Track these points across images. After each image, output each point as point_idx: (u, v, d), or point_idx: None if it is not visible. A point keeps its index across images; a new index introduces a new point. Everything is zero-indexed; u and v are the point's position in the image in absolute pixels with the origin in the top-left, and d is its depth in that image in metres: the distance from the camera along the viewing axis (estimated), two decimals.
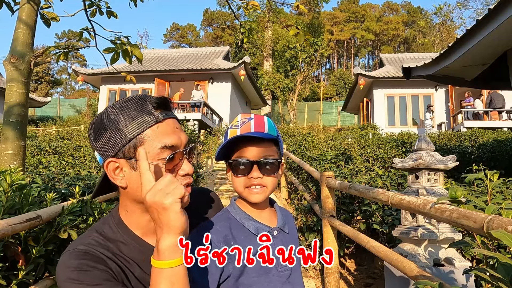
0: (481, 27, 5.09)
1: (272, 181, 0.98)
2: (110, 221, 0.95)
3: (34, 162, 7.26)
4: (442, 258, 2.35)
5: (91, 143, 0.92)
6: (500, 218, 1.05)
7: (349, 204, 4.26)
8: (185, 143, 0.91)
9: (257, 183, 0.96)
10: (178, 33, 58.71)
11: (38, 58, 3.22)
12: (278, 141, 1.01)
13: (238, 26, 5.51)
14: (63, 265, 0.84)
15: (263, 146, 0.96)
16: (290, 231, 1.05)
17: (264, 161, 0.96)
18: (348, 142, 10.48)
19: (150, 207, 0.76)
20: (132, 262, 0.91)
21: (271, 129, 0.98)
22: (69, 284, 0.80)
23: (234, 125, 0.98)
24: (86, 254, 0.86)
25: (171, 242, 0.75)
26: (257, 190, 0.96)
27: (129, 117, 0.87)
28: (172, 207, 0.74)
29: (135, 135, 0.86)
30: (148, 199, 0.76)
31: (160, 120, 0.88)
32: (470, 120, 15.46)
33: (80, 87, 51.28)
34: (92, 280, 0.80)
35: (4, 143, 3.04)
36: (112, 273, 0.85)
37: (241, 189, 0.98)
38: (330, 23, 52.38)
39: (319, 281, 3.87)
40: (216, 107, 18.20)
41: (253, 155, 0.95)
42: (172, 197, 0.74)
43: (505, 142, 7.90)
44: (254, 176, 0.95)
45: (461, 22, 30.94)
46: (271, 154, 0.98)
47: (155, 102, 0.89)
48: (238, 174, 0.97)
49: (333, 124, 29.86)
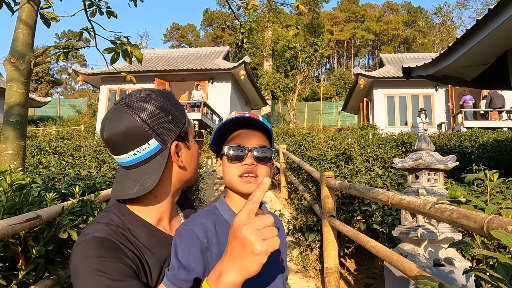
0: (481, 27, 5.09)
1: (265, 170, 0.97)
2: (115, 210, 0.95)
3: (34, 162, 7.26)
4: (442, 258, 2.35)
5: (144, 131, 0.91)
6: (500, 218, 1.05)
7: (349, 204, 4.26)
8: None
9: (250, 170, 0.95)
10: (178, 33, 58.71)
11: (38, 58, 3.22)
12: (270, 135, 1.02)
13: (238, 26, 5.51)
14: (82, 254, 0.81)
15: (257, 135, 0.98)
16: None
17: (258, 148, 0.96)
18: (348, 142, 10.48)
19: (237, 238, 0.72)
20: (143, 247, 0.91)
21: (266, 122, 1.00)
22: (91, 275, 0.77)
23: (228, 118, 0.99)
24: (106, 241, 0.84)
25: (236, 281, 0.72)
26: (249, 179, 0.95)
27: (175, 106, 0.99)
28: (261, 256, 0.70)
29: (184, 121, 1.00)
30: (243, 231, 0.71)
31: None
32: (470, 120, 15.46)
33: (80, 87, 51.32)
34: (115, 273, 0.78)
35: (4, 143, 3.04)
36: (133, 267, 0.84)
37: (233, 178, 0.96)
38: (330, 23, 52.39)
39: (319, 281, 3.87)
40: (216, 107, 18.19)
41: (247, 142, 0.96)
42: (266, 247, 0.70)
43: (505, 142, 7.90)
44: (249, 162, 0.95)
45: (461, 22, 30.96)
46: (265, 144, 0.98)
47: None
48: (232, 160, 0.96)
49: (333, 124, 29.87)
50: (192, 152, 1.03)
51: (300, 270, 4.13)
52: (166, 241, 0.96)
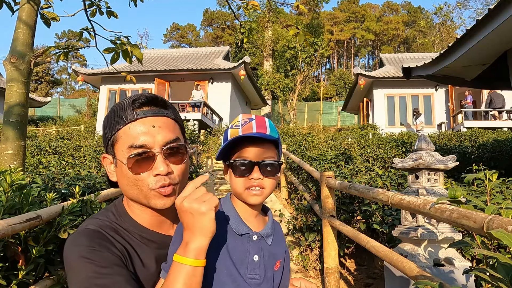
0: (481, 27, 5.09)
1: (271, 183, 0.97)
2: (113, 210, 0.98)
3: (34, 162, 7.27)
4: (442, 258, 2.35)
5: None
6: (500, 218, 1.05)
7: (349, 204, 4.26)
8: (162, 143, 0.91)
9: (257, 184, 0.95)
10: (178, 33, 58.70)
11: (38, 58, 3.22)
12: (278, 143, 1.00)
13: (238, 26, 5.51)
14: (72, 243, 0.85)
15: (264, 147, 0.96)
16: (273, 244, 1.02)
17: (265, 163, 0.95)
18: (348, 142, 10.48)
19: (184, 211, 0.82)
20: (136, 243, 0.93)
21: (273, 130, 0.98)
22: (79, 262, 0.81)
23: (235, 125, 0.97)
24: (96, 233, 0.88)
25: (202, 244, 0.82)
26: (256, 191, 0.95)
27: (113, 116, 0.93)
28: (209, 213, 0.81)
29: (113, 133, 0.92)
30: (185, 204, 0.82)
31: (134, 119, 0.90)
32: (470, 120, 15.46)
33: (80, 87, 51.30)
34: (102, 261, 0.82)
35: (4, 143, 3.04)
36: (121, 257, 0.87)
37: (240, 190, 0.97)
38: (330, 23, 52.36)
39: (319, 281, 3.87)
40: (216, 107, 18.20)
41: (254, 156, 0.95)
42: (208, 205, 0.82)
43: (505, 142, 7.90)
44: (255, 177, 0.94)
45: (461, 22, 30.93)
46: (272, 155, 0.97)
47: (138, 101, 0.92)
48: (238, 174, 0.96)
49: (333, 124, 29.86)
50: (120, 170, 0.93)
51: (300, 270, 4.13)
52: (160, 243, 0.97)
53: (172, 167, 0.92)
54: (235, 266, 0.93)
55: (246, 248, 0.95)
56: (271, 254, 1.00)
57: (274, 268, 1.01)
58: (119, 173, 0.93)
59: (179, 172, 0.94)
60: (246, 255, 0.95)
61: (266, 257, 0.98)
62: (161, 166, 0.89)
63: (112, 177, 0.97)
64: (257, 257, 0.96)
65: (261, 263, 0.96)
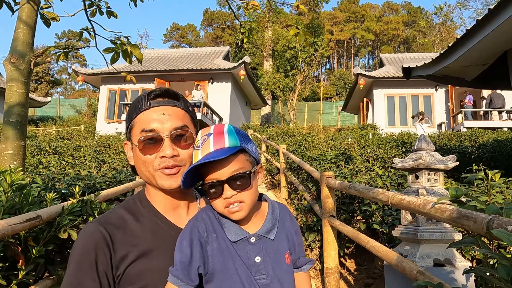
0: (481, 27, 5.09)
1: (249, 194, 0.94)
2: (136, 197, 1.08)
3: (34, 162, 7.27)
4: (442, 258, 2.35)
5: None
6: (500, 218, 1.05)
7: (349, 204, 4.26)
8: (171, 129, 1.00)
9: (233, 201, 0.92)
10: (178, 33, 58.69)
11: (38, 58, 3.22)
12: (245, 148, 0.95)
13: (238, 26, 5.51)
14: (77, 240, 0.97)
15: (228, 162, 0.92)
16: (278, 236, 1.00)
17: (233, 177, 0.92)
18: (348, 142, 10.48)
19: None
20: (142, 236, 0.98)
21: (233, 139, 0.93)
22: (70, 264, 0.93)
23: (196, 145, 0.96)
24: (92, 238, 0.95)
25: None
26: (235, 208, 0.93)
27: (133, 106, 1.04)
28: None
29: (131, 120, 1.03)
30: None
31: (147, 108, 1.01)
32: (470, 120, 15.46)
33: (80, 87, 51.29)
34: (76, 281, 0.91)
35: (4, 143, 3.04)
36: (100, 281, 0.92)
37: (221, 210, 0.94)
38: (330, 23, 52.35)
39: (319, 281, 3.87)
40: (216, 107, 18.18)
41: (220, 174, 0.91)
42: None
43: (505, 142, 7.91)
44: (228, 195, 0.92)
45: (461, 22, 30.95)
46: (240, 166, 0.93)
47: (153, 93, 1.03)
48: (212, 197, 0.94)
49: (333, 124, 29.86)
50: (136, 153, 1.03)
51: None
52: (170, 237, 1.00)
53: (179, 151, 1.00)
54: (237, 272, 0.92)
55: (246, 252, 0.94)
56: (276, 250, 0.98)
57: (286, 262, 0.99)
58: (135, 157, 1.03)
59: (186, 156, 1.01)
60: (248, 258, 0.94)
61: (271, 254, 0.97)
62: (168, 149, 0.98)
63: (131, 161, 1.07)
64: (259, 258, 0.95)
65: (265, 263, 0.95)
